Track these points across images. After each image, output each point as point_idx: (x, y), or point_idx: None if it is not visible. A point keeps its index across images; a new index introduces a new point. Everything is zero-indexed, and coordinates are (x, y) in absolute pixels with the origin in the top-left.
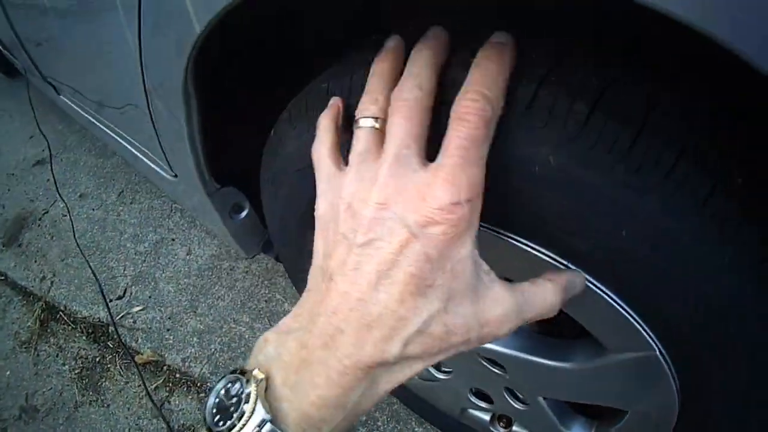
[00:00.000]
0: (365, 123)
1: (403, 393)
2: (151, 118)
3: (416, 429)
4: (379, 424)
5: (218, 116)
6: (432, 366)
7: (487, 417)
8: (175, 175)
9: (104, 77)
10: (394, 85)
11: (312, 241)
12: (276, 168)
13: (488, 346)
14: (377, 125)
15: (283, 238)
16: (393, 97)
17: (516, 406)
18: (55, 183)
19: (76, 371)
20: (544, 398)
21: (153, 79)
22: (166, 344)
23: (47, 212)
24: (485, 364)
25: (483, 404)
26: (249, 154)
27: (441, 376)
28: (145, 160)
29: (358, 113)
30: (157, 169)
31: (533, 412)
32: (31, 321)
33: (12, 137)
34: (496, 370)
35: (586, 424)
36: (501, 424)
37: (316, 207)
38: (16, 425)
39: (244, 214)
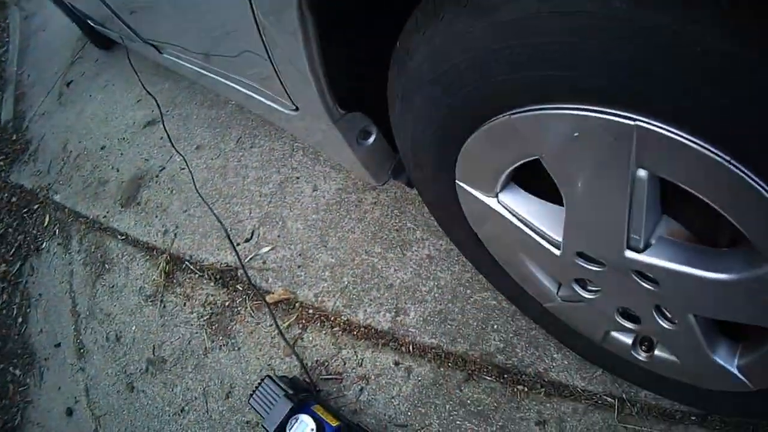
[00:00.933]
0: None
1: (543, 317)
2: (268, 54)
3: (554, 355)
4: (518, 350)
5: (337, 38)
6: (579, 285)
7: (629, 340)
8: (297, 108)
9: (213, 25)
10: None
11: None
12: (405, 82)
13: (643, 257)
14: None
15: (417, 159)
16: None
17: (664, 325)
18: (170, 138)
19: (205, 318)
20: (695, 316)
21: (264, 9)
22: (298, 281)
23: (164, 168)
24: (637, 279)
25: (629, 324)
26: (373, 74)
27: (588, 295)
28: (263, 100)
29: None
30: (277, 107)
31: (681, 331)
32: (155, 275)
33: (118, 104)
34: (648, 285)
35: (731, 348)
36: (643, 347)
37: None
38: (143, 378)
39: (372, 139)
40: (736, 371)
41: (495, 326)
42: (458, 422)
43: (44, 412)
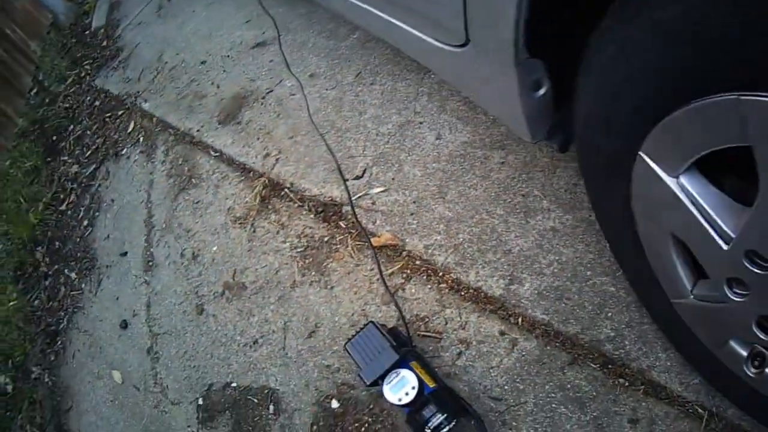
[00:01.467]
0: None
1: (662, 312)
2: None
3: (660, 354)
4: (626, 342)
5: None
6: (727, 286)
7: (745, 352)
8: (465, 44)
9: None
10: None
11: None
12: (630, 33)
13: None
14: None
15: (603, 120)
16: None
17: None
18: (285, 60)
19: (299, 250)
20: None
21: None
22: (408, 229)
23: (271, 91)
24: None
25: (763, 336)
26: (570, 18)
27: (735, 298)
28: (414, 31)
29: None
30: (435, 41)
31: None
32: (249, 197)
33: (225, 23)
34: None
35: None
36: (754, 363)
37: None
38: (216, 302)
39: (542, 91)
40: None
41: (609, 314)
42: (554, 405)
43: (95, 321)
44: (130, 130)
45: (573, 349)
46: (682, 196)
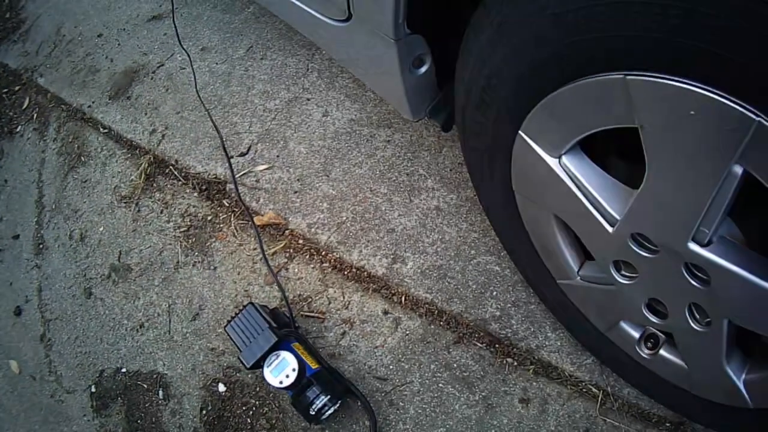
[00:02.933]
0: None
1: (553, 296)
2: None
3: (549, 333)
4: (513, 322)
5: None
6: (615, 268)
7: (637, 334)
8: (348, 18)
9: None
10: None
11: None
12: (512, 9)
13: (705, 252)
14: None
15: (483, 99)
16: None
17: (692, 324)
18: (177, 34)
19: (182, 229)
20: (729, 321)
21: None
22: (292, 207)
23: (162, 65)
24: (685, 272)
25: (653, 318)
26: None
27: (622, 280)
28: (301, 4)
29: None
30: (319, 15)
31: (708, 334)
32: (135, 175)
33: None
34: (694, 282)
35: (742, 361)
36: (648, 344)
37: None
38: (103, 285)
39: (424, 68)
40: (741, 385)
41: (494, 293)
42: (441, 385)
43: None
44: (24, 106)
45: (458, 328)
46: (564, 176)
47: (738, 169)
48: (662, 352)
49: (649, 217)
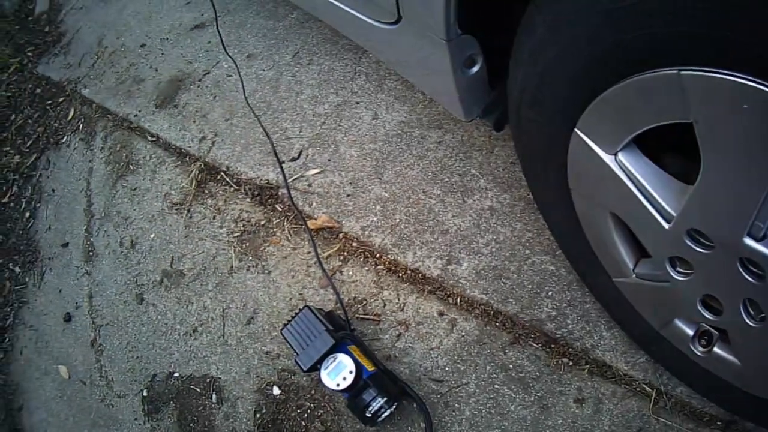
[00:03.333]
0: None
1: (608, 293)
2: None
3: (604, 333)
4: (569, 321)
5: None
6: (670, 265)
7: (691, 331)
8: (397, 21)
9: None
10: None
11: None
12: (565, 7)
13: (761, 246)
14: None
15: (537, 97)
16: None
17: (747, 321)
18: (222, 41)
19: (236, 234)
20: None
21: None
22: (345, 210)
23: (208, 73)
24: (740, 268)
25: (707, 314)
26: None
27: (678, 277)
28: (348, 9)
29: None
30: (365, 18)
31: (762, 331)
32: (185, 182)
33: (164, 4)
34: (749, 277)
35: None
36: (702, 342)
37: None
38: (155, 291)
39: (476, 68)
40: None
41: (550, 293)
42: (497, 386)
43: (40, 315)
44: (70, 117)
45: (513, 329)
46: (620, 173)
47: None
48: (716, 349)
49: (704, 213)
